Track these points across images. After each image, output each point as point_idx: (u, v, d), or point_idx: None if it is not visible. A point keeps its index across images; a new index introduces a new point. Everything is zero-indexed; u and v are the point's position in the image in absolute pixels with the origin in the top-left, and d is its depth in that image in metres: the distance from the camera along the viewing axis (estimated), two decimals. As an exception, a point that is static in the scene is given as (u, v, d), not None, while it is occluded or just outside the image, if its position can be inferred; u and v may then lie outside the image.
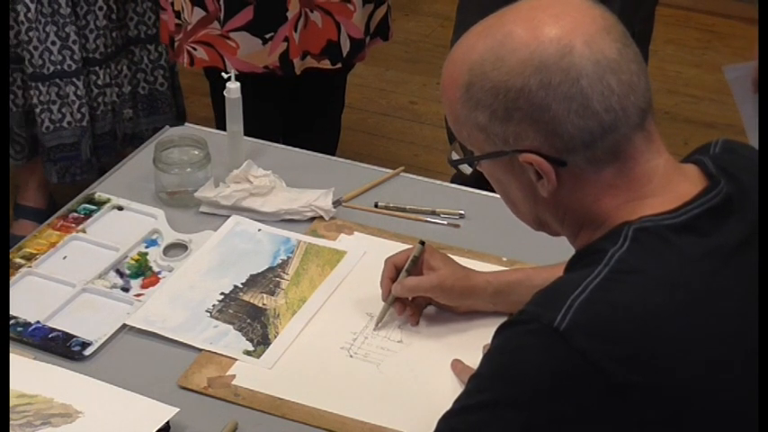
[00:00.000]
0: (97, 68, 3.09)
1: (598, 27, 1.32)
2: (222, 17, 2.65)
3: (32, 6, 2.95)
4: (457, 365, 1.74)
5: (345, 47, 2.72)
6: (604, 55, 1.31)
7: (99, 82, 3.10)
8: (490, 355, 1.32)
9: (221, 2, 2.64)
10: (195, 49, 2.71)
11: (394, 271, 1.83)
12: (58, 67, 3.01)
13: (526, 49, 1.31)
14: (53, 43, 2.99)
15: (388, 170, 2.21)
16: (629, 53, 1.33)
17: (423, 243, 1.83)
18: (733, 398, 1.27)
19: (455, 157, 1.44)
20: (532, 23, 1.32)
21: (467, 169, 1.45)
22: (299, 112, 2.99)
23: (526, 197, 1.39)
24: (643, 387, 1.23)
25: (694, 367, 1.25)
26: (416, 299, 1.86)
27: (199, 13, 2.67)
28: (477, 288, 1.81)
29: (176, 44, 2.76)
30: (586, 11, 1.33)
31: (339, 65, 2.74)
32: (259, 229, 2.04)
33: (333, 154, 2.81)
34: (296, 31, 2.66)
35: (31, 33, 2.98)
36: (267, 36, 2.65)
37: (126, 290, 1.91)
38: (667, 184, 1.34)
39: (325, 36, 2.69)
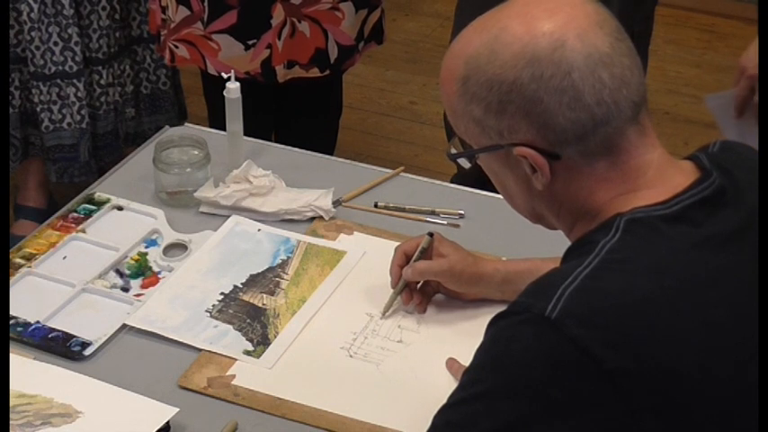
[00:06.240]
0: (100, 68, 3.09)
1: (591, 21, 1.34)
2: (206, 18, 2.64)
3: (35, 6, 2.95)
4: (453, 365, 1.74)
5: (333, 53, 2.70)
6: (596, 49, 1.32)
7: (102, 81, 3.10)
8: (483, 347, 1.33)
9: (205, 3, 2.62)
10: (177, 47, 2.70)
11: (404, 258, 1.85)
12: (60, 67, 3.02)
13: (519, 43, 1.33)
14: (55, 44, 2.99)
15: (387, 170, 2.21)
16: (621, 47, 1.34)
17: (431, 235, 1.84)
18: (722, 385, 1.28)
19: (454, 151, 1.45)
20: (526, 18, 1.34)
21: (466, 163, 1.46)
22: (287, 116, 2.98)
23: (522, 190, 1.41)
24: (633, 373, 1.23)
25: (683, 354, 1.26)
26: (424, 287, 1.87)
27: (183, 11, 2.66)
28: (486, 275, 1.83)
29: (161, 39, 2.75)
30: (580, 6, 1.35)
31: (327, 72, 2.73)
32: (259, 229, 2.04)
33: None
34: (279, 38, 2.64)
35: (33, 33, 2.98)
36: (250, 42, 2.64)
37: (126, 290, 1.91)
38: (661, 177, 1.35)
39: (313, 45, 2.68)
